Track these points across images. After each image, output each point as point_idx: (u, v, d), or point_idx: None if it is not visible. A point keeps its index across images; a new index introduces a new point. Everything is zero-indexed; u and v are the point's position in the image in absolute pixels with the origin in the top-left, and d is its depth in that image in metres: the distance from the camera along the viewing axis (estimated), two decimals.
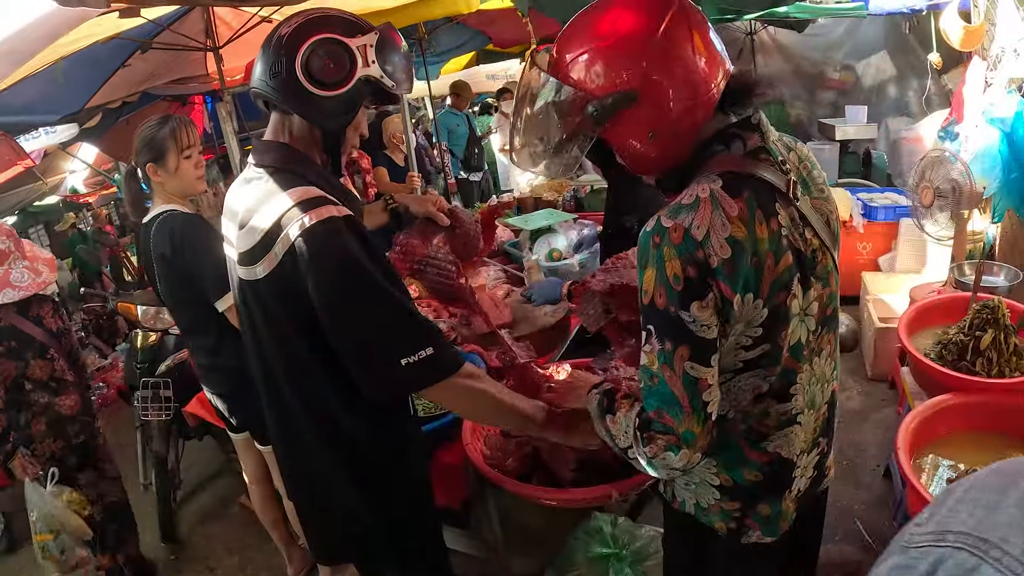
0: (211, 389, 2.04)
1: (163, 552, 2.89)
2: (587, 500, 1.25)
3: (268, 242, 1.05)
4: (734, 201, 0.87)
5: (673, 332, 0.86)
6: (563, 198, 3.73)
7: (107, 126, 4.53)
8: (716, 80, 0.90)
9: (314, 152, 1.15)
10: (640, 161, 0.96)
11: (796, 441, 0.99)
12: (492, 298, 2.14)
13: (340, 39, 1.04)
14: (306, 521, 1.35)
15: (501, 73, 8.71)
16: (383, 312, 1.04)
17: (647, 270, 0.88)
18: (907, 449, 1.69)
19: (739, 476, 1.00)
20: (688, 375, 0.87)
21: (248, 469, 2.23)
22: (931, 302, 2.36)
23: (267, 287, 1.08)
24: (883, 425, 2.80)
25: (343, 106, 1.08)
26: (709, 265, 0.85)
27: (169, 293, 1.92)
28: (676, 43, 0.87)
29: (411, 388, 1.09)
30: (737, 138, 0.93)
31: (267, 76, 1.06)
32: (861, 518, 2.34)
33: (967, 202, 2.57)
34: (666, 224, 0.87)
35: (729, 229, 0.85)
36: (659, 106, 0.89)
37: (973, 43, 3.28)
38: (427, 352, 1.04)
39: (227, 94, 2.83)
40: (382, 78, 1.08)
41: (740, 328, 0.90)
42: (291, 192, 1.06)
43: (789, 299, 0.91)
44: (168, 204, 1.88)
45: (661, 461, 0.90)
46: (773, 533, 1.02)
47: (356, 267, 1.02)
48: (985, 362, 1.94)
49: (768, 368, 0.94)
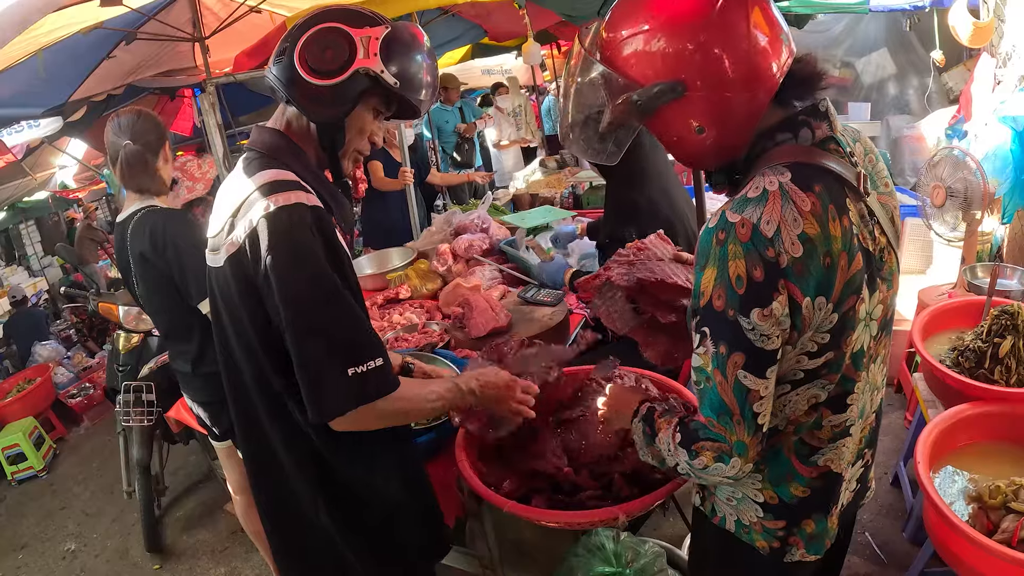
0: (192, 397, 1.94)
1: (147, 561, 2.80)
2: (592, 523, 1.16)
3: (232, 224, 1.00)
4: (806, 195, 0.79)
5: (729, 337, 0.80)
6: (560, 195, 3.63)
7: (92, 120, 4.40)
8: (780, 62, 0.82)
9: (310, 147, 1.09)
10: (692, 154, 0.89)
11: (846, 454, 0.94)
12: (488, 300, 2.04)
13: (343, 28, 1.00)
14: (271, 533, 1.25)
15: (496, 68, 8.60)
16: (333, 315, 0.97)
17: (706, 270, 0.81)
18: (926, 462, 1.60)
19: (786, 493, 0.94)
20: (740, 384, 0.81)
21: (231, 478, 2.13)
22: (944, 306, 2.27)
23: (228, 273, 1.02)
24: (890, 432, 2.72)
25: (335, 97, 1.02)
26: (778, 265, 0.77)
27: (148, 296, 1.82)
28: (734, 23, 0.79)
29: (354, 402, 0.97)
30: (805, 126, 0.85)
31: (273, 62, 1.04)
32: (869, 529, 2.26)
33: (979, 202, 2.49)
34: (732, 219, 0.79)
35: (801, 225, 0.78)
36: (712, 97, 0.81)
37: (982, 40, 3.21)
38: (376, 363, 0.98)
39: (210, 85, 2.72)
40: (382, 73, 1.01)
41: (809, 335, 0.83)
42: (262, 174, 1.01)
43: (858, 303, 0.84)
44: (146, 200, 1.78)
45: (713, 471, 0.86)
46: (817, 551, 0.97)
47: (313, 263, 0.96)
48: (1004, 370, 1.85)
49: (828, 377, 0.87)
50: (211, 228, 1.09)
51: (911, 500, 2.22)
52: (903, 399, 2.87)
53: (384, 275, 2.63)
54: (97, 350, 5.46)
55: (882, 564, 2.11)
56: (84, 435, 4.42)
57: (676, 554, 1.80)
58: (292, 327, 0.96)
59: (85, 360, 5.17)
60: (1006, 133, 2.79)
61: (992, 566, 1.42)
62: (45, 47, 2.93)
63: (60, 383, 4.68)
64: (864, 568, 2.11)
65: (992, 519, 1.52)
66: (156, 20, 3.13)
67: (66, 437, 4.42)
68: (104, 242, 7.43)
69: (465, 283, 2.33)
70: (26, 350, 5.22)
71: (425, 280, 2.60)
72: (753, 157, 0.87)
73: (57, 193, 8.34)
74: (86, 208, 8.30)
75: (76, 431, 4.49)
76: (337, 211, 1.10)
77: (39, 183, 7.24)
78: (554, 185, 4.04)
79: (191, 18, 3.28)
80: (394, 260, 2.85)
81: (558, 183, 4.08)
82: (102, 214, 10.23)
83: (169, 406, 2.44)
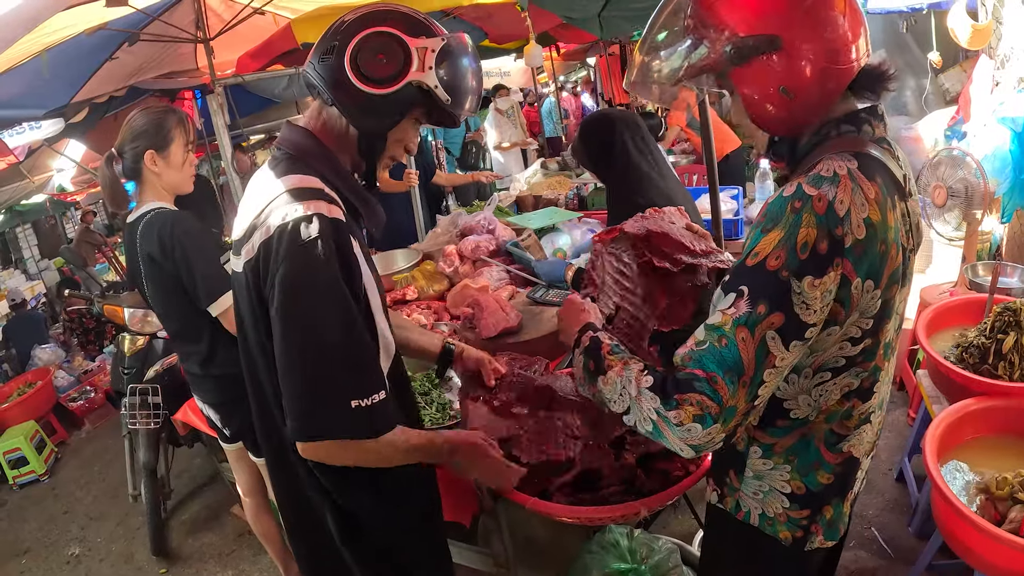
0: (202, 398, 1.94)
1: (153, 565, 2.79)
2: (613, 518, 1.17)
3: (252, 229, 0.98)
4: (870, 184, 0.84)
5: (774, 297, 0.82)
6: (565, 196, 3.64)
7: (94, 122, 4.39)
8: (860, 51, 0.86)
9: (345, 151, 1.05)
10: (764, 115, 0.91)
11: (865, 440, 0.99)
12: (498, 300, 2.05)
13: (399, 35, 0.96)
14: (292, 538, 1.24)
15: (496, 71, 8.62)
16: (342, 341, 0.92)
17: (772, 232, 0.83)
18: (935, 456, 1.63)
19: (813, 481, 0.97)
20: (765, 344, 0.82)
21: (241, 480, 2.13)
22: (947, 304, 2.30)
23: (245, 281, 1.00)
24: (894, 428, 2.75)
25: (385, 108, 0.98)
26: (843, 243, 0.81)
27: (157, 297, 1.82)
28: (831, 2, 0.84)
29: (354, 434, 0.94)
30: (867, 123, 0.91)
31: (317, 59, 0.99)
32: (875, 524, 2.28)
33: (980, 202, 2.52)
34: (809, 192, 0.83)
35: (867, 210, 0.83)
36: (800, 62, 0.84)
37: (981, 42, 3.24)
38: (379, 397, 0.94)
39: (218, 85, 2.72)
40: (436, 88, 0.98)
41: (855, 318, 0.87)
42: (286, 179, 0.98)
43: (897, 293, 0.90)
44: (156, 201, 1.78)
45: (681, 432, 0.83)
46: (834, 536, 1.01)
47: (323, 282, 0.92)
48: (1007, 365, 1.88)
49: (863, 364, 0.91)
50: (235, 230, 1.07)
51: (916, 495, 2.24)
52: (905, 396, 2.89)
53: (390, 276, 2.64)
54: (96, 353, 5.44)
55: (889, 558, 2.13)
56: (85, 439, 4.41)
57: (688, 551, 1.81)
58: (294, 345, 0.92)
59: (85, 363, 5.15)
60: (1005, 134, 2.82)
61: (1001, 554, 1.46)
62: (48, 47, 2.92)
63: (61, 386, 4.66)
64: (871, 562, 2.13)
65: (999, 509, 1.55)
66: (160, 21, 3.12)
67: (67, 441, 4.40)
68: (102, 245, 7.41)
69: (473, 284, 2.34)
70: (25, 354, 5.20)
71: (431, 281, 2.61)
72: (816, 142, 0.91)
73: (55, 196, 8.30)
74: (83, 211, 8.26)
75: (77, 435, 4.48)
76: (368, 214, 1.09)
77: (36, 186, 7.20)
78: (556, 187, 4.05)
79: (195, 19, 3.28)
80: (399, 261, 2.85)
81: (560, 185, 4.09)
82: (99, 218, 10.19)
83: (175, 409, 2.44)
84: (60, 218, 10.15)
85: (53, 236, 10.32)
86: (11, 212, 8.54)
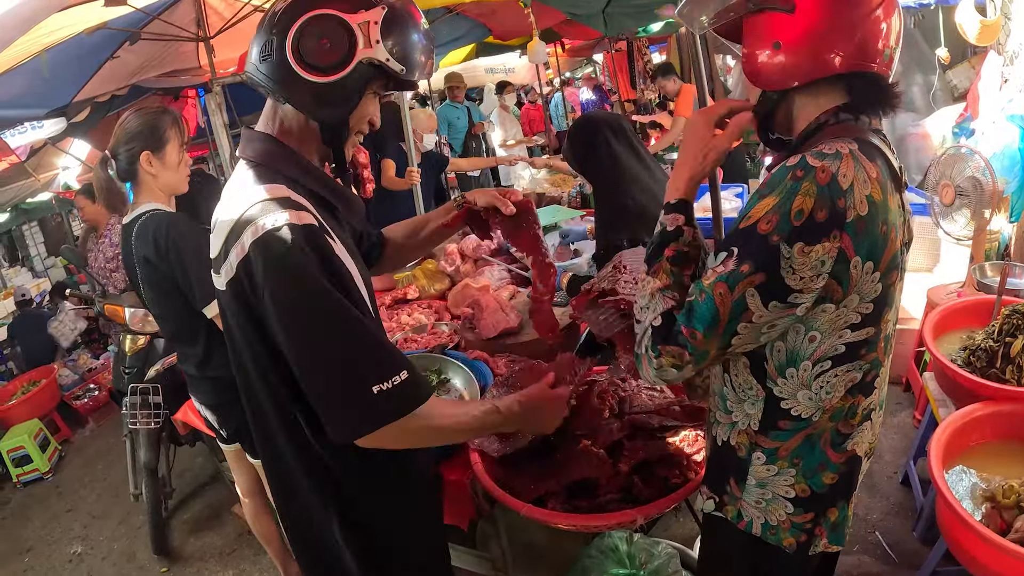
0: (200, 399, 1.94)
1: (154, 564, 2.80)
2: (609, 525, 1.16)
3: (227, 249, 0.95)
4: (871, 164, 0.86)
5: (758, 257, 0.84)
6: (568, 194, 3.62)
7: (96, 121, 4.39)
8: (866, 57, 0.87)
9: (310, 145, 1.02)
10: (751, 62, 0.94)
11: (867, 437, 0.99)
12: (498, 300, 2.04)
13: (337, 15, 0.91)
14: (292, 539, 1.23)
15: (500, 67, 8.58)
16: (347, 339, 0.92)
17: (768, 197, 0.85)
18: (939, 463, 1.60)
19: (818, 482, 0.97)
20: (743, 300, 0.85)
21: (240, 481, 2.13)
22: (954, 305, 2.27)
23: (229, 299, 0.97)
24: (899, 430, 2.72)
25: (341, 94, 0.95)
26: (844, 216, 0.82)
27: (153, 298, 1.81)
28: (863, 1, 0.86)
29: (386, 418, 0.93)
30: (864, 114, 0.94)
31: (258, 59, 0.94)
32: (879, 528, 2.25)
33: (989, 201, 2.47)
34: (813, 163, 0.84)
35: (869, 188, 0.84)
36: (803, 26, 0.87)
37: (989, 38, 3.19)
38: (402, 377, 0.93)
39: (216, 84, 2.71)
40: (388, 61, 0.93)
41: (855, 301, 0.87)
42: (254, 190, 0.95)
43: (896, 281, 0.91)
44: (152, 202, 1.77)
45: (660, 371, 0.92)
46: (839, 541, 1.00)
47: (311, 285, 0.90)
48: (1015, 369, 1.84)
49: (866, 356, 0.92)
50: (212, 247, 1.04)
51: (921, 499, 2.21)
52: (911, 398, 2.86)
53: (392, 275, 2.63)
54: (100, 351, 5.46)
55: (893, 564, 2.10)
56: (89, 437, 4.42)
57: (689, 555, 1.79)
58: (305, 355, 0.92)
59: (90, 361, 5.17)
60: (1014, 132, 2.78)
61: (1006, 565, 1.42)
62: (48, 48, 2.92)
63: (65, 384, 4.68)
64: (875, 567, 2.11)
65: (1005, 518, 1.52)
66: (160, 20, 3.12)
67: (71, 439, 4.42)
68: None
69: (474, 283, 2.32)
70: (31, 351, 5.22)
71: (433, 280, 2.59)
72: (814, 129, 0.93)
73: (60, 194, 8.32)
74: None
75: (81, 433, 4.49)
76: (343, 207, 1.05)
77: (42, 184, 7.22)
78: (559, 184, 4.03)
79: (195, 18, 3.27)
80: None
81: (563, 182, 4.07)
82: None
83: (176, 408, 2.44)
84: (66, 216, 10.18)
85: (59, 233, 10.36)
86: (18, 210, 8.58)
